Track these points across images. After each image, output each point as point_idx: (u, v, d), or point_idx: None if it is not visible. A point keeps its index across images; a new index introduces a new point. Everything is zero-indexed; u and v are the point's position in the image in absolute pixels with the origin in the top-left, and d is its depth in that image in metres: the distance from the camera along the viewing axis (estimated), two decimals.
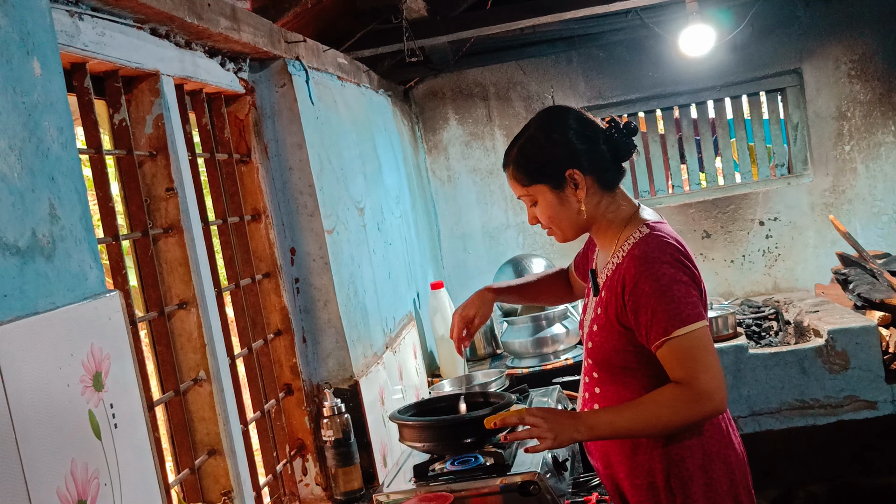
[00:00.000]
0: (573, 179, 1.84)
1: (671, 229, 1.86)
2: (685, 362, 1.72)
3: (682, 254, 1.78)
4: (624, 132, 1.88)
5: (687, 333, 1.71)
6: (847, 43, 4.28)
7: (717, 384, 1.72)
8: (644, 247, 1.79)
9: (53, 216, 1.22)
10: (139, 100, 1.85)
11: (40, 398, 1.12)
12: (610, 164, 1.88)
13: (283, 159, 2.41)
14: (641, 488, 1.84)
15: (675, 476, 1.80)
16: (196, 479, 1.87)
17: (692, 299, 1.74)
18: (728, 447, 1.84)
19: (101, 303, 1.30)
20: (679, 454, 1.80)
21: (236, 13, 2.08)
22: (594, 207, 1.88)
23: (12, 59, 1.18)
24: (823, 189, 4.37)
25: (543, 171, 1.86)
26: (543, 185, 1.87)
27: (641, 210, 1.90)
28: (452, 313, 2.28)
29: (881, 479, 3.49)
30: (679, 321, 1.71)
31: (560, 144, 1.86)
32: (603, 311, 1.85)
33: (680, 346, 1.72)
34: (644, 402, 1.77)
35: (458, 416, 2.26)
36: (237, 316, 2.26)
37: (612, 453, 1.89)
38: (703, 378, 1.71)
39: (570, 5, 3.40)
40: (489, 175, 4.52)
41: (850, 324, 3.44)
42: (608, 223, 1.89)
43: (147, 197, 1.86)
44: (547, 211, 1.89)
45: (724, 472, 1.81)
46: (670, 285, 1.73)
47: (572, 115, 1.90)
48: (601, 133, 1.88)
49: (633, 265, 1.77)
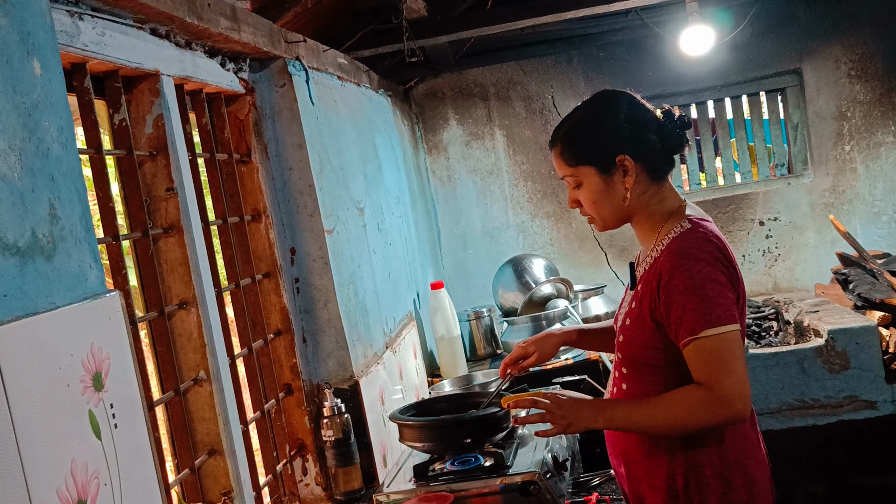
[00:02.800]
0: (623, 165, 1.80)
1: (715, 228, 1.81)
2: (709, 364, 1.68)
3: (722, 253, 1.74)
4: (678, 124, 1.84)
5: (715, 335, 1.67)
6: (847, 43, 4.28)
7: (739, 390, 1.67)
8: (683, 242, 1.74)
9: (53, 216, 1.22)
10: (139, 100, 1.85)
11: (40, 398, 1.12)
12: (660, 154, 1.84)
13: (283, 159, 2.40)
14: (660, 490, 1.81)
15: (693, 481, 1.77)
16: (196, 479, 1.87)
17: (725, 301, 1.69)
18: (750, 458, 1.80)
19: (101, 303, 1.30)
20: (698, 459, 1.77)
21: (236, 13, 2.08)
22: (639, 197, 1.83)
23: (12, 59, 1.18)
24: (823, 189, 4.37)
25: (593, 153, 1.82)
26: (591, 167, 1.82)
27: (687, 206, 1.86)
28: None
29: (881, 479, 3.49)
30: (707, 322, 1.67)
31: (612, 129, 1.82)
32: (637, 304, 1.82)
33: (706, 347, 1.68)
34: (664, 400, 1.74)
35: (458, 416, 2.26)
36: (237, 316, 2.26)
37: (631, 452, 1.86)
38: (725, 382, 1.67)
39: (570, 5, 3.40)
40: (489, 175, 4.52)
41: (850, 324, 3.44)
42: (650, 214, 1.84)
43: (147, 197, 1.86)
44: (591, 195, 1.84)
45: (743, 483, 1.77)
46: (703, 284, 1.69)
47: (627, 99, 1.86)
48: (655, 122, 1.84)
49: (670, 260, 1.73)
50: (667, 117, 1.85)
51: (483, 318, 3.89)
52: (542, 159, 4.49)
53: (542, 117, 4.47)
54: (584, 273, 4.48)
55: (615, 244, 4.50)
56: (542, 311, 3.62)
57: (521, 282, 3.77)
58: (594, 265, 4.50)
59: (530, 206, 4.53)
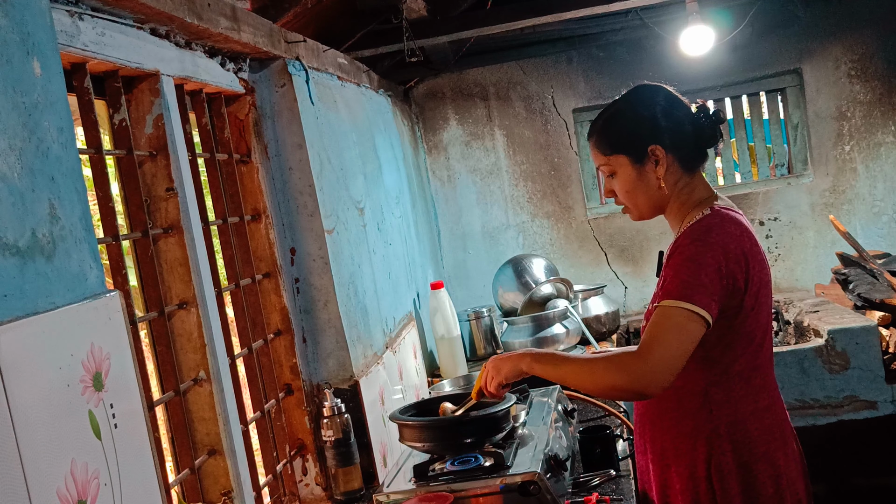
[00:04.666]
0: (654, 155, 1.85)
1: (740, 218, 1.83)
2: (650, 331, 1.70)
3: (734, 239, 1.75)
4: (712, 118, 1.89)
5: (669, 307, 1.69)
6: (847, 43, 4.28)
7: (665, 366, 1.66)
8: (697, 226, 1.79)
9: (53, 216, 1.22)
10: (139, 100, 1.85)
11: (40, 398, 1.12)
12: (693, 146, 1.89)
13: (283, 159, 2.40)
14: (682, 477, 1.83)
15: (715, 468, 1.79)
16: (196, 479, 1.87)
17: (699, 281, 1.69)
18: (777, 450, 1.81)
19: (101, 303, 1.30)
20: (722, 447, 1.79)
21: (236, 13, 2.08)
22: (671, 186, 1.88)
23: (12, 59, 1.18)
24: (823, 189, 4.37)
25: (625, 142, 1.88)
26: (624, 156, 1.88)
27: (718, 198, 1.89)
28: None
29: (881, 479, 3.49)
30: (668, 293, 1.70)
31: (646, 119, 1.87)
32: (660, 287, 1.84)
33: (657, 314, 1.70)
34: (593, 358, 1.79)
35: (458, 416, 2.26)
36: (237, 316, 2.26)
37: (657, 440, 1.89)
38: (653, 352, 1.67)
39: (570, 5, 3.40)
40: (489, 175, 4.52)
41: (850, 324, 3.44)
42: (681, 204, 1.89)
43: (147, 197, 1.86)
44: (625, 185, 1.90)
45: (769, 476, 1.78)
46: (686, 261, 1.72)
47: (662, 93, 1.91)
48: (689, 114, 1.89)
49: (679, 240, 1.79)
50: (701, 111, 1.89)
51: (483, 318, 3.89)
52: (541, 159, 4.49)
53: (541, 117, 4.47)
54: (584, 273, 4.48)
55: (615, 244, 4.50)
56: (542, 311, 3.62)
57: (521, 282, 3.77)
58: (594, 265, 4.50)
59: (530, 206, 4.53)
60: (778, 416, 1.85)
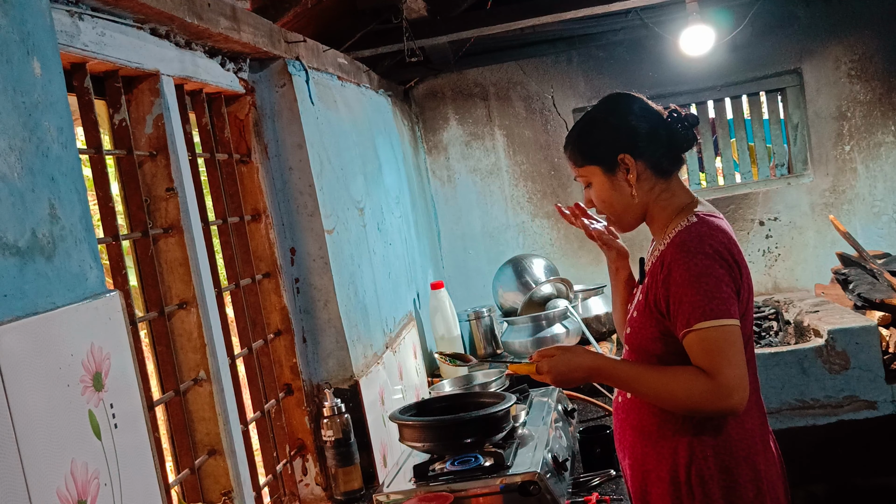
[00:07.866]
0: (624, 163, 1.86)
1: (724, 224, 1.84)
2: (710, 353, 1.70)
3: (725, 248, 1.76)
4: (685, 122, 1.89)
5: (710, 327, 1.70)
6: (847, 43, 4.28)
7: (739, 382, 1.69)
8: (686, 235, 1.78)
9: (53, 216, 1.22)
10: (139, 100, 1.85)
11: (40, 398, 1.12)
12: (665, 151, 1.88)
13: (283, 159, 2.41)
14: (664, 482, 1.83)
15: (696, 473, 1.79)
16: (196, 479, 1.87)
17: (721, 295, 1.71)
18: (758, 454, 1.81)
19: (101, 303, 1.30)
20: (704, 452, 1.79)
21: (236, 13, 2.08)
22: (646, 193, 1.88)
23: (12, 59, 1.18)
24: (823, 189, 4.37)
25: (596, 152, 1.89)
26: (595, 166, 1.89)
27: (699, 203, 1.89)
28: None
29: (881, 479, 3.49)
30: (701, 314, 1.70)
31: (615, 128, 1.88)
32: (644, 296, 1.85)
33: (702, 338, 1.71)
34: (666, 375, 1.77)
35: (458, 416, 2.26)
36: (237, 316, 2.26)
37: (637, 445, 1.88)
38: (726, 372, 1.69)
39: (570, 5, 3.40)
40: (489, 175, 4.52)
41: (850, 324, 3.44)
42: (661, 210, 1.89)
43: (147, 197, 1.86)
44: (600, 194, 1.91)
45: (750, 479, 1.79)
46: (700, 277, 1.72)
47: (633, 101, 1.91)
48: (661, 120, 1.89)
49: (672, 253, 1.77)
50: (673, 115, 1.90)
51: (483, 318, 3.89)
52: (541, 159, 4.49)
53: (541, 117, 4.47)
54: (584, 273, 4.48)
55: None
56: (542, 311, 3.62)
57: (521, 282, 3.77)
58: (594, 265, 4.50)
59: (530, 206, 4.53)
60: (758, 420, 1.85)
